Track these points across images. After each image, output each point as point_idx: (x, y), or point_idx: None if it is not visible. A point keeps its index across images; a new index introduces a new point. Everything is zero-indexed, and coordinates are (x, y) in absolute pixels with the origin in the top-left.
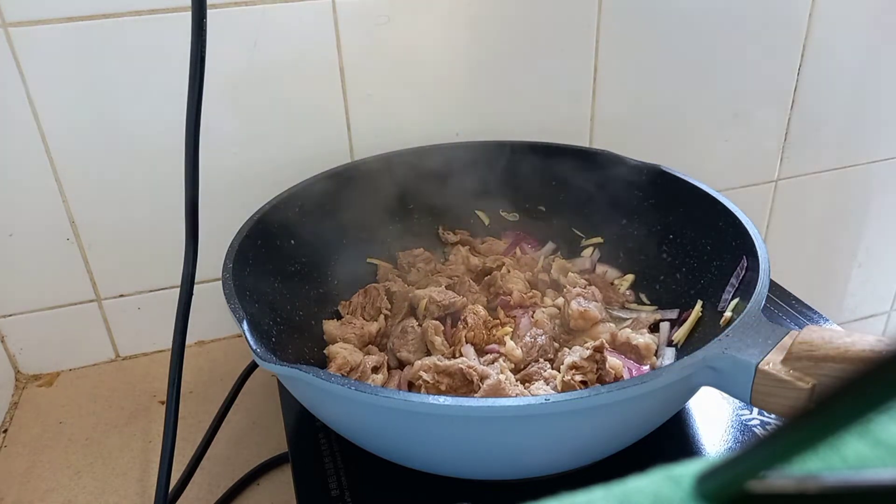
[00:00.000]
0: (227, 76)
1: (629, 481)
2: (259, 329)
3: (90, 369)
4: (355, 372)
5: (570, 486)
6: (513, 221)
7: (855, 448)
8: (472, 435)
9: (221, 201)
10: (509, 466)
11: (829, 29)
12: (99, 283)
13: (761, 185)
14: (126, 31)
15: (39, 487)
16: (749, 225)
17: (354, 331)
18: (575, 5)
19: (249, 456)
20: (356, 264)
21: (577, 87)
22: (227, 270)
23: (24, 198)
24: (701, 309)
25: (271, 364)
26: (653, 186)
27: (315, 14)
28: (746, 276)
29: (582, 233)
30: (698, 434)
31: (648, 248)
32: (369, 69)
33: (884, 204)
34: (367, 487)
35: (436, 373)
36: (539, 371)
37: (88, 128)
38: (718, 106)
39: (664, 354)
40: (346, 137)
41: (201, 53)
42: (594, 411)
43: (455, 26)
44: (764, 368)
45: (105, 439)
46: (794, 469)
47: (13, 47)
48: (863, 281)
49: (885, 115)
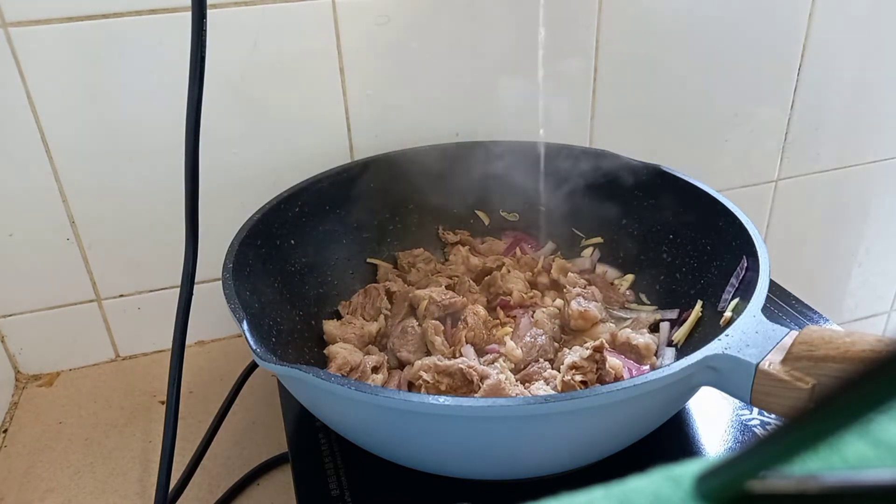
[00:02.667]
0: (227, 76)
1: (629, 481)
2: (259, 329)
3: (90, 369)
4: (355, 372)
5: (570, 486)
6: (513, 221)
7: (855, 448)
8: (472, 435)
9: (221, 201)
10: (509, 466)
11: (829, 29)
12: (99, 283)
13: (761, 185)
14: (126, 31)
15: (39, 487)
16: (749, 225)
17: (354, 331)
18: (575, 5)
19: (249, 456)
20: (356, 264)
21: (577, 87)
22: (227, 270)
23: (24, 198)
24: (701, 309)
25: (271, 364)
26: (653, 186)
27: (315, 14)
28: (746, 276)
29: (582, 233)
30: (698, 434)
31: (648, 248)
32: (369, 69)
33: (884, 204)
34: (367, 487)
35: (436, 373)
36: (539, 371)
37: (88, 127)
38: (718, 106)
39: (664, 354)
40: (346, 137)
41: (201, 53)
42: (594, 411)
43: (455, 26)
44: (764, 368)
45: (105, 439)
46: (794, 469)
47: (13, 47)
48: (863, 281)
49: (885, 115)
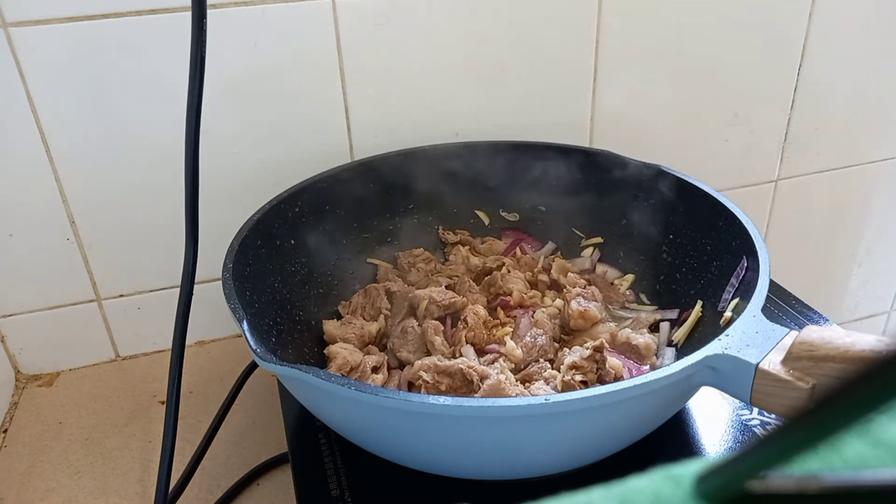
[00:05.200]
0: (227, 76)
1: (629, 481)
2: (259, 329)
3: (90, 369)
4: (355, 372)
5: (570, 486)
6: (513, 221)
7: (855, 448)
8: (472, 435)
9: (221, 201)
10: (509, 466)
11: (829, 29)
12: (99, 283)
13: (761, 185)
14: (126, 31)
15: (39, 487)
16: (749, 225)
17: (354, 331)
18: (575, 5)
19: (249, 456)
20: (356, 264)
21: (577, 87)
22: (227, 270)
23: (24, 198)
24: (701, 309)
25: (271, 364)
26: (653, 186)
27: (315, 14)
28: (747, 276)
29: (582, 233)
30: (698, 434)
31: (648, 248)
32: (369, 69)
33: (884, 204)
34: (367, 487)
35: (436, 373)
36: (539, 371)
37: (88, 128)
38: (718, 106)
39: (664, 354)
40: (346, 137)
41: (201, 53)
42: (594, 411)
43: (455, 26)
44: (764, 368)
45: (105, 439)
46: (794, 469)
47: (13, 47)
48: (863, 281)
49: (885, 115)
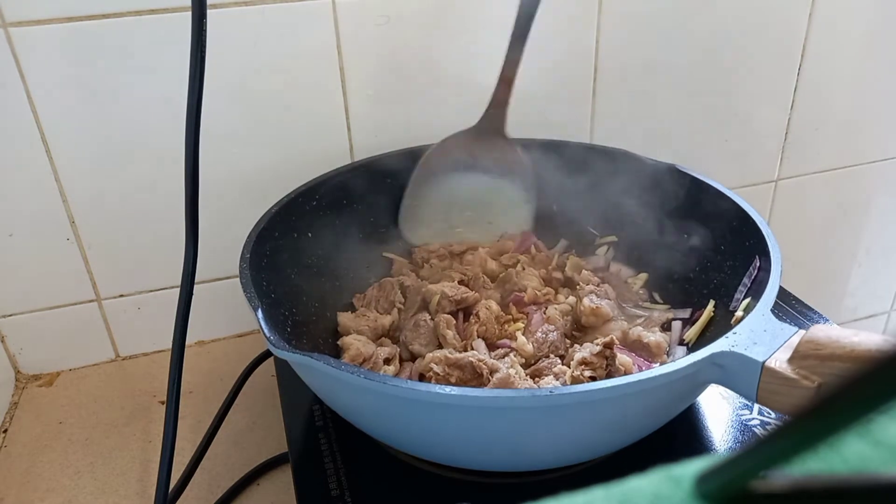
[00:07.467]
0: (227, 76)
1: (629, 481)
2: (274, 319)
3: (90, 369)
4: (368, 363)
5: (571, 485)
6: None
7: (855, 448)
8: (477, 425)
9: (221, 201)
10: (514, 458)
11: (829, 29)
12: (99, 283)
13: (761, 185)
14: (126, 31)
15: (39, 487)
16: (763, 225)
17: (368, 323)
18: (575, 5)
19: (249, 456)
20: (372, 258)
21: (577, 87)
22: (245, 261)
23: (24, 198)
24: (713, 309)
25: (283, 351)
26: (668, 186)
27: (315, 14)
28: (759, 276)
29: (597, 231)
30: (698, 434)
31: (662, 248)
32: (369, 69)
33: (884, 204)
34: (368, 488)
35: (446, 365)
36: (549, 366)
37: (88, 127)
38: (718, 106)
39: (675, 353)
40: (346, 137)
41: (201, 53)
42: (598, 405)
43: (454, 26)
44: (770, 366)
45: (105, 439)
46: (794, 469)
47: (13, 47)
48: (863, 281)
49: (885, 115)
